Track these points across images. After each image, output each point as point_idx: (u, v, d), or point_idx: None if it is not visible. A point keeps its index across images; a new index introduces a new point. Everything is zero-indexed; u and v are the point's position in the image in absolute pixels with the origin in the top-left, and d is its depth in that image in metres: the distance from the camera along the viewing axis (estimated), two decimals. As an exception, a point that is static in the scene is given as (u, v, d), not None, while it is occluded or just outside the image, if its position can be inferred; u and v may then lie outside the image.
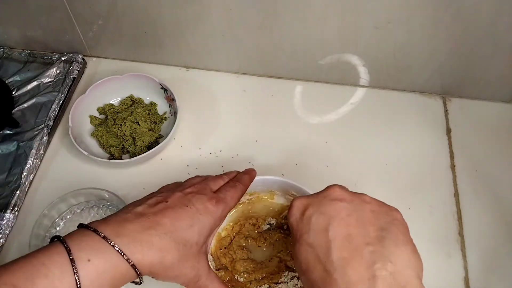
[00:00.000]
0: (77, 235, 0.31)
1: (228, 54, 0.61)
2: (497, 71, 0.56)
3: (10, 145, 0.55)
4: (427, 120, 0.60)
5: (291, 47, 0.58)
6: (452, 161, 0.56)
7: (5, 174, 0.53)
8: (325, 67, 0.60)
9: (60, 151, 0.56)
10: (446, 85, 0.61)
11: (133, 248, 0.31)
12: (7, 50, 0.65)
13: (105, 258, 0.30)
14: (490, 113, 0.61)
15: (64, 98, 0.60)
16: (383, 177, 0.55)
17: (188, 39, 0.59)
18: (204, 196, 0.37)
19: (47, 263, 0.28)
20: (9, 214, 0.49)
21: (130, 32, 0.60)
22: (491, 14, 0.48)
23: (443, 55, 0.55)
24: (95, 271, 0.29)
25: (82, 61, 0.64)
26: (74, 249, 0.29)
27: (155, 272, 0.32)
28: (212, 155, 0.56)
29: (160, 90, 0.59)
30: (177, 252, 0.33)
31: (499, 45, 0.52)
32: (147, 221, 0.33)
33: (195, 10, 0.54)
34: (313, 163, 0.55)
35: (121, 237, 0.31)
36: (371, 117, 0.60)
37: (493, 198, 0.53)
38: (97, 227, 0.31)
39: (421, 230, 0.50)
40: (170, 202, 0.35)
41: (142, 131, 0.55)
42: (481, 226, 0.51)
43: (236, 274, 0.43)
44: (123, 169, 0.55)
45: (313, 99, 0.62)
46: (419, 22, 0.51)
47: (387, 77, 0.61)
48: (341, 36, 0.54)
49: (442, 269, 0.48)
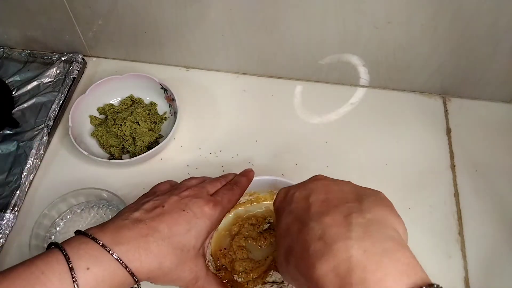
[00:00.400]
0: (75, 242, 0.31)
1: (228, 54, 0.61)
2: (497, 71, 0.56)
3: (10, 145, 0.55)
4: (427, 120, 0.60)
5: (291, 47, 0.58)
6: (452, 161, 0.56)
7: (5, 174, 0.53)
8: (325, 67, 0.60)
9: (60, 151, 0.56)
10: (446, 85, 0.61)
11: (131, 256, 0.31)
12: (7, 50, 0.65)
13: (104, 266, 0.30)
14: (490, 113, 0.61)
15: (64, 98, 0.60)
16: (383, 177, 0.54)
17: (188, 39, 0.59)
18: (201, 200, 0.37)
19: (47, 271, 0.28)
20: (9, 214, 0.49)
21: (130, 32, 0.60)
22: (491, 14, 0.48)
23: (443, 55, 0.55)
24: (94, 280, 0.29)
25: (82, 61, 0.64)
26: (73, 257, 0.29)
27: (153, 277, 0.33)
28: (212, 155, 0.56)
29: (160, 90, 0.59)
30: (175, 257, 0.33)
31: (499, 45, 0.52)
32: (144, 228, 0.33)
33: (195, 10, 0.54)
34: (313, 163, 0.55)
35: (119, 245, 0.31)
36: (371, 117, 0.60)
37: (493, 198, 0.53)
38: (95, 234, 0.31)
39: (421, 230, 0.50)
40: (167, 207, 0.36)
41: (142, 131, 0.55)
42: (481, 226, 0.51)
43: (235, 275, 0.43)
44: (123, 169, 0.55)
45: (313, 99, 0.62)
46: (419, 22, 0.51)
47: (387, 77, 0.61)
48: (341, 36, 0.54)
49: (442, 269, 0.48)
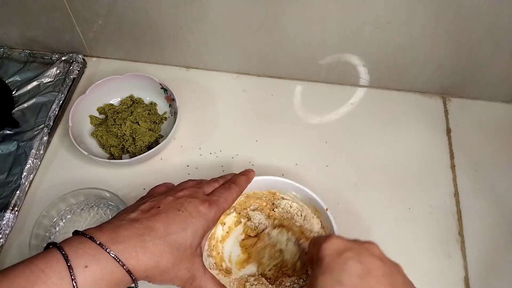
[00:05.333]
0: (73, 242, 0.31)
1: (228, 54, 0.61)
2: (497, 71, 0.56)
3: (10, 145, 0.55)
4: (427, 120, 0.60)
5: (291, 47, 0.58)
6: (452, 161, 0.56)
7: (5, 174, 0.53)
8: (325, 67, 0.60)
9: (60, 151, 0.56)
10: (446, 85, 0.61)
11: (128, 254, 0.31)
12: (7, 50, 0.65)
13: (102, 264, 0.30)
14: (490, 113, 0.61)
15: (64, 98, 0.60)
16: (383, 177, 0.55)
17: (188, 39, 0.60)
18: (196, 200, 0.38)
19: (46, 270, 0.29)
20: (9, 214, 0.49)
21: (130, 32, 0.60)
22: (491, 14, 0.48)
23: (443, 55, 0.55)
24: (92, 278, 0.30)
25: (82, 61, 0.64)
26: (71, 256, 0.30)
27: (151, 276, 0.33)
28: (212, 155, 0.56)
29: (160, 90, 0.59)
30: (171, 256, 0.33)
31: (499, 45, 0.52)
32: (141, 227, 0.33)
33: (195, 10, 0.54)
34: (313, 163, 0.55)
35: (116, 244, 0.31)
36: (371, 117, 0.60)
37: (493, 198, 0.53)
38: (92, 234, 0.32)
39: (421, 230, 0.50)
40: (163, 207, 0.36)
41: (142, 131, 0.55)
42: (481, 226, 0.51)
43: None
44: (123, 169, 0.55)
45: (313, 99, 0.62)
46: (419, 22, 0.51)
47: (387, 77, 0.61)
48: (341, 36, 0.54)
49: (442, 269, 0.48)
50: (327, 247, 0.35)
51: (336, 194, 0.52)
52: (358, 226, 0.50)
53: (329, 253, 0.34)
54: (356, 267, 0.32)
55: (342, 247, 0.34)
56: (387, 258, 0.35)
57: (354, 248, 0.34)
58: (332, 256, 0.34)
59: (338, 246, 0.34)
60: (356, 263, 0.33)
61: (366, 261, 0.33)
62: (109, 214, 0.50)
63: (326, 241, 0.35)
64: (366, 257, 0.33)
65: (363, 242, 0.35)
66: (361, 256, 0.33)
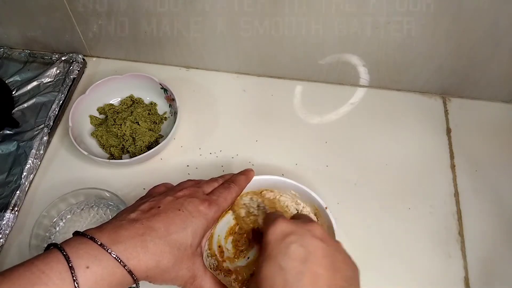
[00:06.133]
0: (74, 242, 0.31)
1: (228, 54, 0.61)
2: (497, 71, 0.56)
3: (10, 145, 0.55)
4: (427, 120, 0.60)
5: (291, 47, 0.58)
6: (452, 161, 0.56)
7: (5, 174, 0.53)
8: (325, 67, 0.60)
9: (60, 151, 0.56)
10: (446, 85, 0.61)
11: (128, 254, 0.31)
12: (7, 50, 0.65)
13: (103, 265, 0.30)
14: (490, 113, 0.61)
15: (64, 98, 0.60)
16: (383, 177, 0.55)
17: (188, 39, 0.60)
18: (196, 199, 0.38)
19: (47, 271, 0.29)
20: (9, 214, 0.49)
21: (130, 32, 0.60)
22: (491, 14, 0.48)
23: (443, 55, 0.55)
24: (94, 278, 0.30)
25: (82, 61, 0.64)
26: (72, 256, 0.30)
27: (151, 276, 0.33)
28: (212, 155, 0.56)
29: (160, 90, 0.59)
30: (172, 256, 0.34)
31: (499, 45, 0.52)
32: (141, 227, 0.33)
33: (195, 10, 0.54)
34: (313, 163, 0.55)
35: (117, 244, 0.31)
36: (371, 117, 0.60)
37: (493, 198, 0.53)
38: (93, 234, 0.32)
39: (421, 230, 0.50)
40: (163, 207, 0.36)
41: (142, 131, 0.55)
42: (481, 226, 0.51)
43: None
44: (123, 169, 0.55)
45: (313, 99, 0.62)
46: (419, 22, 0.51)
47: (387, 77, 0.61)
48: (341, 36, 0.54)
49: (442, 269, 0.48)
50: (272, 231, 0.35)
51: (336, 194, 0.52)
52: (358, 226, 0.50)
53: (274, 237, 0.35)
54: (298, 251, 0.33)
55: (287, 230, 0.35)
56: (329, 237, 0.35)
57: (297, 231, 0.35)
58: (277, 240, 0.35)
59: (282, 230, 0.35)
60: (298, 247, 0.33)
61: (308, 244, 0.33)
62: (109, 214, 0.50)
63: (272, 225, 0.36)
64: (308, 240, 0.34)
65: (305, 224, 0.36)
66: (303, 239, 0.34)
